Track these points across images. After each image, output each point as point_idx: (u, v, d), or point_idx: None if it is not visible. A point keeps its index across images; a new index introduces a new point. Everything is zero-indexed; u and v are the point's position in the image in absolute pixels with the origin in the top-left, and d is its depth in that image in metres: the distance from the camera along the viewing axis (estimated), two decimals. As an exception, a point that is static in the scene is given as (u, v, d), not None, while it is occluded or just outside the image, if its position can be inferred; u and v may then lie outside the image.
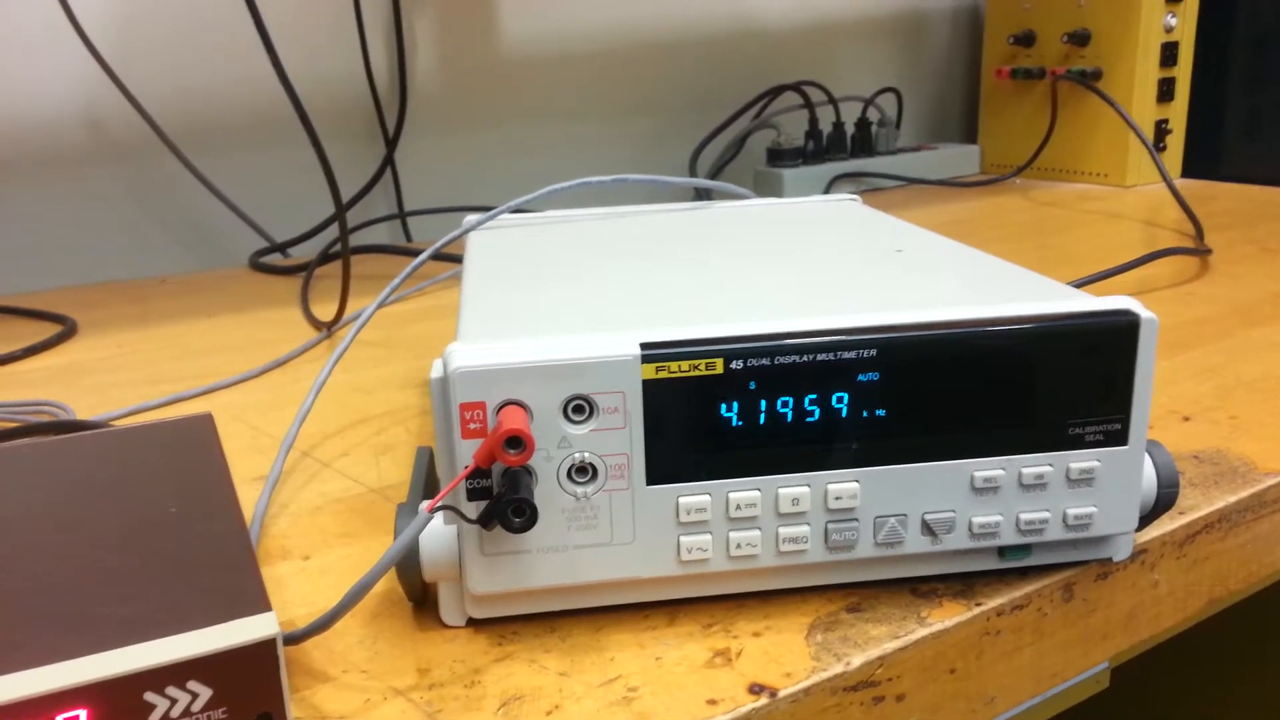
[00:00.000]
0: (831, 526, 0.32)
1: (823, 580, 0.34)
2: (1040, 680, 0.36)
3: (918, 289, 0.36)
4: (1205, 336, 0.60)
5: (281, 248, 0.95)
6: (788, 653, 0.31)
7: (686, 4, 1.15)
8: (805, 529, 0.32)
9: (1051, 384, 0.32)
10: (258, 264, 0.91)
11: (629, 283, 0.38)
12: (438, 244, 0.47)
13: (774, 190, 1.11)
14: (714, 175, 1.16)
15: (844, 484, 0.32)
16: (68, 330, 0.71)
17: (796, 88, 1.14)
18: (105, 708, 0.24)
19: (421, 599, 0.34)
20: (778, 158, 1.12)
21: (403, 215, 1.01)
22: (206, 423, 0.39)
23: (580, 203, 1.11)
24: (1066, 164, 1.17)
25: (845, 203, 0.55)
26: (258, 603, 0.26)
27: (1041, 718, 0.44)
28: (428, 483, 0.36)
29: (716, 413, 0.31)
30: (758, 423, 0.31)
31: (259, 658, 0.25)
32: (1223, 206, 0.99)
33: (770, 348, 0.31)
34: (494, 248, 0.46)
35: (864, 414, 0.31)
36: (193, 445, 0.37)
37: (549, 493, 0.31)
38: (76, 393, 0.58)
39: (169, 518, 0.31)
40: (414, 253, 0.90)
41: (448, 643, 0.32)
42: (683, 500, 0.31)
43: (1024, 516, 0.33)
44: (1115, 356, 0.32)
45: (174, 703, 0.24)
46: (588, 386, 0.30)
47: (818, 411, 0.31)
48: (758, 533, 0.32)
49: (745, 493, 0.31)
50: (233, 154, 0.95)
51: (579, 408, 0.30)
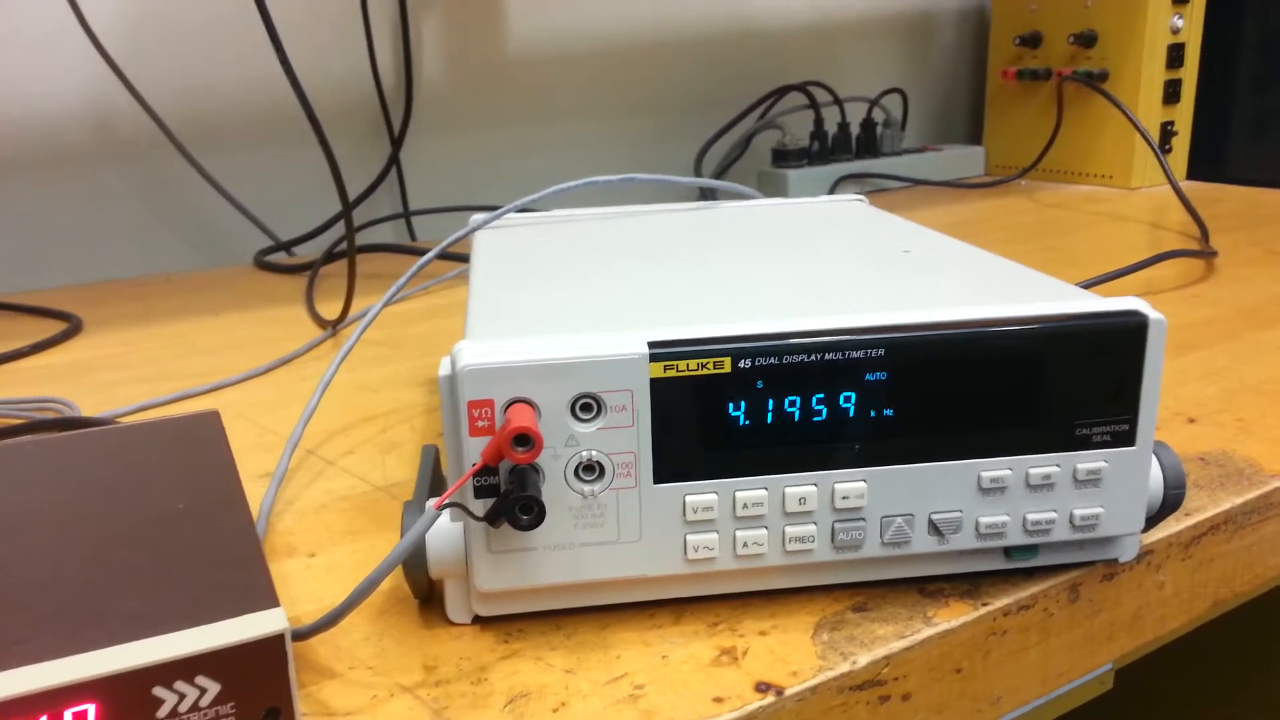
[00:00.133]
0: (838, 526, 0.32)
1: (829, 580, 0.34)
2: (1046, 681, 0.36)
3: (925, 289, 0.36)
4: (1211, 338, 0.60)
5: (286, 246, 0.95)
6: (794, 652, 0.31)
7: (692, 4, 1.15)
8: (812, 528, 0.32)
9: (1059, 384, 0.32)
10: (263, 262, 0.91)
11: (636, 282, 0.38)
12: (445, 242, 0.47)
13: (779, 191, 1.11)
14: (719, 175, 1.16)
15: (851, 483, 0.32)
16: (73, 328, 0.71)
17: (802, 88, 1.14)
18: (114, 702, 0.24)
19: (428, 596, 0.34)
20: (783, 158, 1.12)
21: (407, 214, 1.01)
22: (213, 419, 0.39)
23: (586, 202, 1.11)
24: (1072, 165, 1.17)
25: (852, 203, 0.55)
26: (266, 598, 0.26)
27: (1046, 718, 0.44)
28: (433, 481, 0.36)
29: (724, 412, 0.31)
30: (765, 422, 0.31)
31: (267, 653, 0.25)
32: (1228, 209, 0.99)
33: (778, 347, 0.31)
34: (501, 247, 0.46)
35: (871, 414, 0.31)
36: (200, 442, 0.37)
37: (556, 491, 0.31)
38: (82, 390, 0.58)
39: (176, 514, 0.31)
40: (419, 252, 0.90)
41: (454, 640, 0.32)
42: (689, 499, 0.31)
43: (1031, 517, 0.33)
44: (1123, 357, 0.32)
45: (182, 697, 0.24)
46: (595, 385, 0.30)
47: (825, 411, 0.31)
48: (764, 532, 0.32)
49: (752, 492, 0.31)
50: (238, 153, 0.95)
51: (587, 406, 0.30)
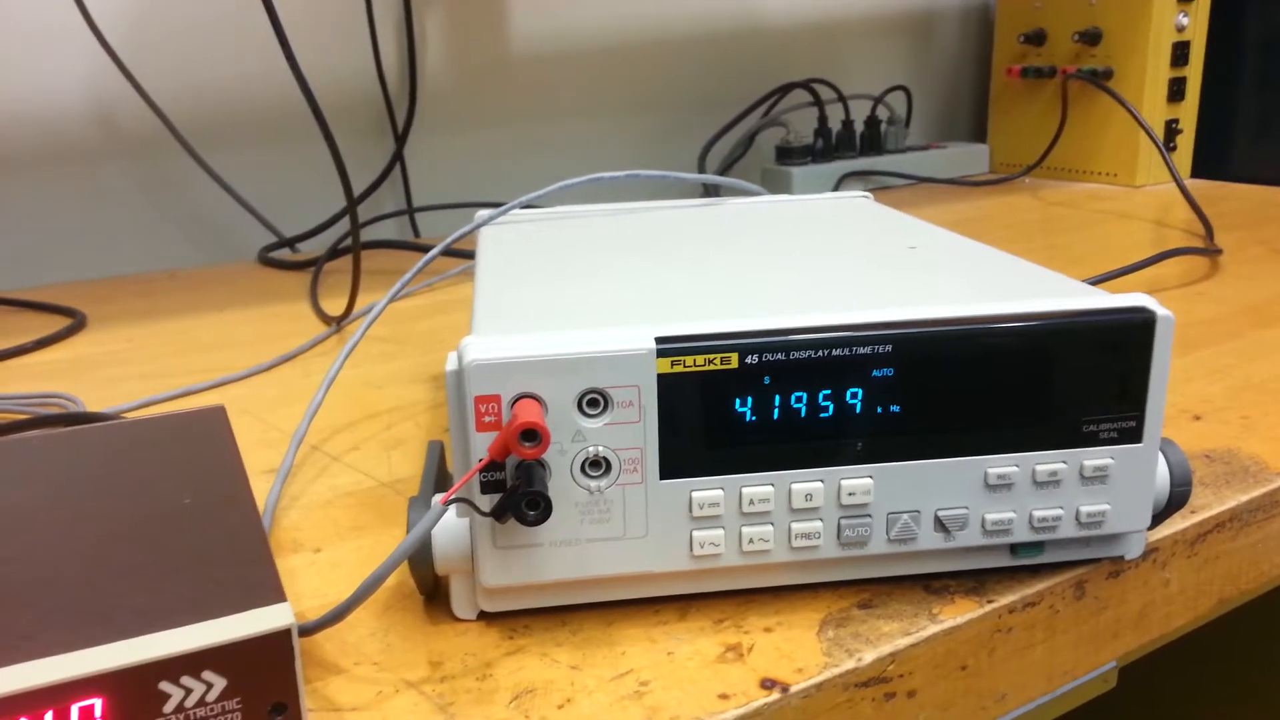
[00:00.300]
0: (844, 522, 0.32)
1: (835, 576, 0.34)
2: (1051, 678, 0.36)
3: (932, 285, 0.35)
4: (1215, 336, 0.60)
5: (290, 243, 0.95)
6: (799, 648, 0.31)
7: (696, 2, 1.15)
8: (818, 524, 0.32)
9: (1066, 381, 0.32)
10: (267, 259, 0.91)
11: (642, 278, 0.38)
12: (450, 238, 0.47)
13: (782, 188, 1.11)
14: (723, 172, 1.16)
15: (857, 480, 0.32)
16: (77, 324, 0.71)
17: (806, 85, 1.14)
18: (120, 697, 0.24)
19: (433, 592, 0.34)
20: (786, 155, 1.12)
21: (411, 211, 1.01)
22: (219, 415, 0.39)
23: (590, 199, 1.11)
24: (1076, 163, 1.17)
25: (857, 199, 0.55)
26: (273, 593, 0.26)
27: (1049, 716, 0.44)
28: (439, 476, 0.36)
29: (731, 407, 0.31)
30: (771, 418, 0.31)
31: (274, 648, 0.25)
32: (1233, 207, 0.99)
33: (785, 343, 0.31)
34: (506, 243, 0.46)
35: (878, 410, 0.31)
36: (206, 437, 0.37)
37: (562, 486, 0.31)
38: (86, 385, 0.58)
39: (183, 509, 0.31)
40: (422, 248, 0.90)
41: (459, 636, 0.32)
42: (696, 495, 0.31)
43: (1037, 514, 0.33)
44: (1131, 354, 0.32)
45: (189, 692, 0.24)
46: (602, 380, 0.30)
47: (832, 407, 0.31)
48: (770, 528, 0.32)
49: (758, 488, 0.31)
50: (242, 149, 0.95)
51: (593, 401, 0.30)
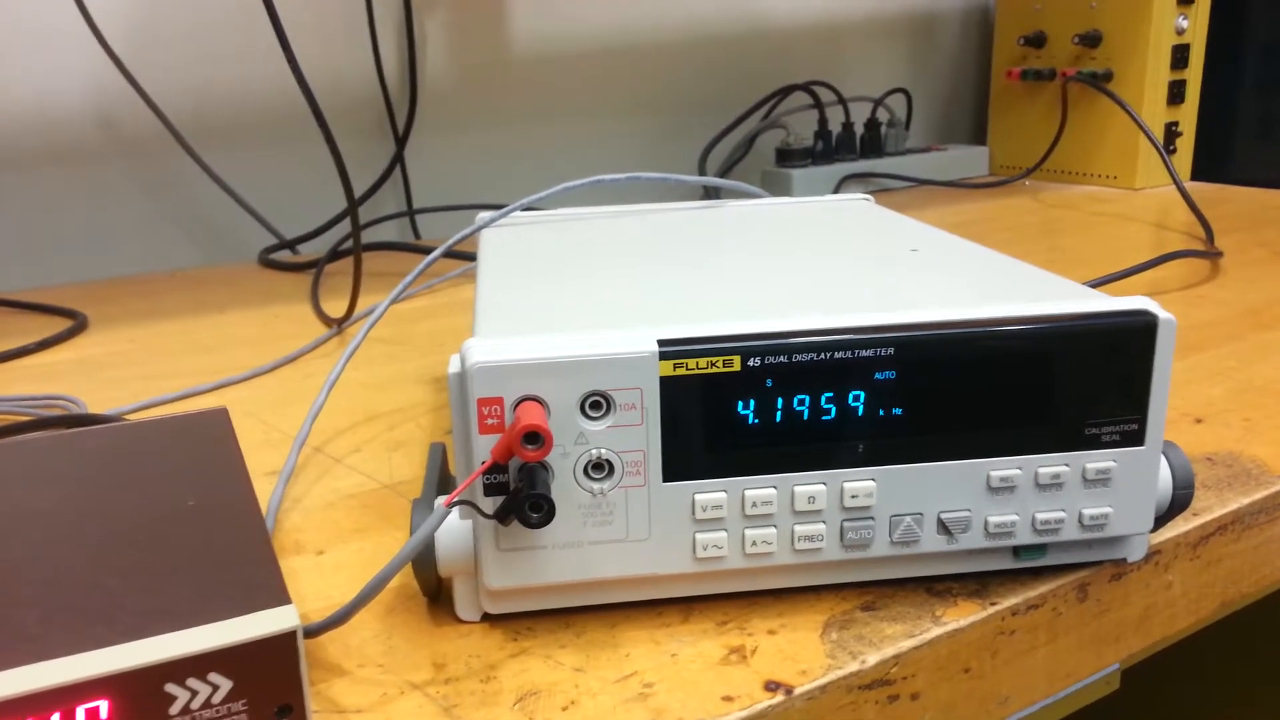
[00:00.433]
0: (847, 525, 0.32)
1: (838, 578, 0.34)
2: (1054, 680, 0.36)
3: (934, 288, 0.36)
4: (1217, 339, 0.60)
5: (291, 244, 0.95)
6: (803, 650, 0.31)
7: (697, 4, 1.15)
8: (821, 527, 0.32)
9: (1069, 384, 0.32)
10: (267, 260, 0.91)
11: (645, 280, 0.38)
12: (451, 240, 0.47)
13: (783, 190, 1.11)
14: (723, 175, 1.16)
15: (860, 482, 0.32)
16: (78, 325, 0.71)
17: (806, 88, 1.14)
18: (126, 699, 0.24)
19: (436, 594, 0.34)
20: (786, 158, 1.12)
21: (411, 213, 1.01)
22: (222, 417, 0.39)
23: (590, 201, 1.11)
24: (1076, 166, 1.17)
25: (858, 202, 0.55)
26: (278, 595, 0.26)
27: (1052, 718, 0.44)
28: (441, 479, 0.36)
29: (733, 410, 0.31)
30: (774, 420, 0.31)
31: (279, 650, 0.25)
32: (1233, 209, 0.99)
33: (787, 345, 0.31)
34: (508, 245, 0.46)
35: (880, 413, 0.31)
36: (209, 439, 0.37)
37: (565, 489, 0.31)
38: (88, 387, 0.58)
39: (187, 510, 0.31)
40: (423, 250, 0.90)
41: (463, 638, 0.33)
42: (699, 497, 0.31)
43: (1040, 516, 0.33)
44: (1133, 357, 0.32)
45: (195, 694, 0.24)
46: (605, 383, 0.30)
47: (834, 410, 0.31)
48: (773, 530, 0.32)
49: (761, 490, 0.31)
50: (243, 151, 0.95)
51: (596, 404, 0.30)
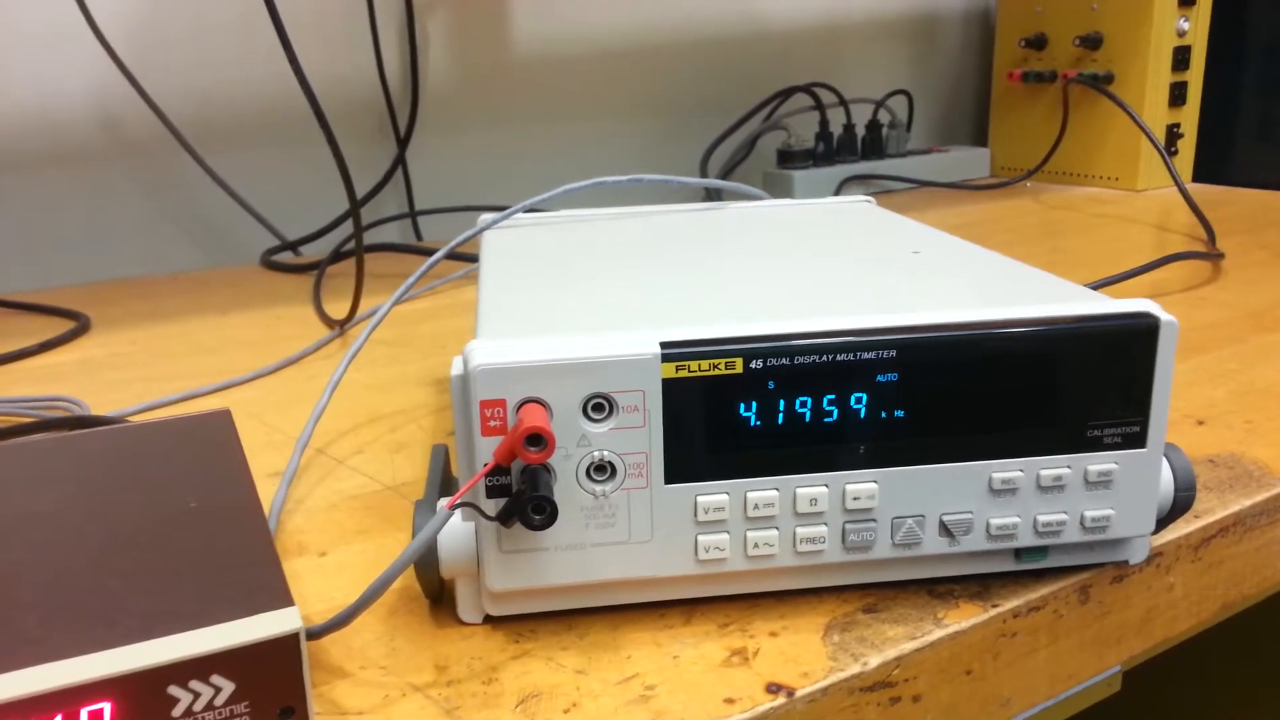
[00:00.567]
0: (849, 527, 0.32)
1: (840, 580, 0.34)
2: (1055, 682, 0.36)
3: (936, 290, 0.36)
4: (1218, 341, 0.60)
5: (293, 246, 0.95)
6: (805, 652, 0.31)
7: (698, 5, 1.15)
8: (823, 529, 0.32)
9: (1071, 386, 0.32)
10: (269, 262, 0.91)
11: (647, 282, 0.38)
12: (454, 242, 0.47)
13: (784, 192, 1.11)
14: (724, 176, 1.16)
15: (862, 484, 0.32)
16: (81, 326, 0.71)
17: (807, 89, 1.14)
18: (129, 701, 0.24)
19: (439, 596, 0.34)
20: (788, 159, 1.12)
21: (413, 214, 1.01)
22: (224, 418, 0.39)
23: (591, 203, 1.11)
24: (1077, 167, 1.17)
25: (860, 204, 0.55)
26: (280, 597, 0.26)
27: (1054, 720, 0.44)
28: (443, 480, 0.36)
29: (735, 412, 0.31)
30: (776, 422, 0.31)
31: (282, 652, 0.25)
32: (1234, 211, 0.99)
33: (790, 348, 0.31)
34: (510, 246, 0.47)
35: (882, 414, 0.31)
36: (211, 441, 0.37)
37: (568, 491, 0.31)
38: (90, 389, 0.59)
39: (189, 512, 0.31)
40: (425, 251, 0.91)
41: (465, 640, 0.33)
42: (701, 499, 0.31)
43: (1041, 518, 0.33)
44: (1135, 359, 0.32)
45: (197, 696, 0.24)
46: (608, 385, 0.30)
47: (836, 412, 0.31)
48: (775, 532, 0.32)
49: (763, 492, 0.32)
50: (244, 152, 0.95)
51: (599, 406, 0.30)
